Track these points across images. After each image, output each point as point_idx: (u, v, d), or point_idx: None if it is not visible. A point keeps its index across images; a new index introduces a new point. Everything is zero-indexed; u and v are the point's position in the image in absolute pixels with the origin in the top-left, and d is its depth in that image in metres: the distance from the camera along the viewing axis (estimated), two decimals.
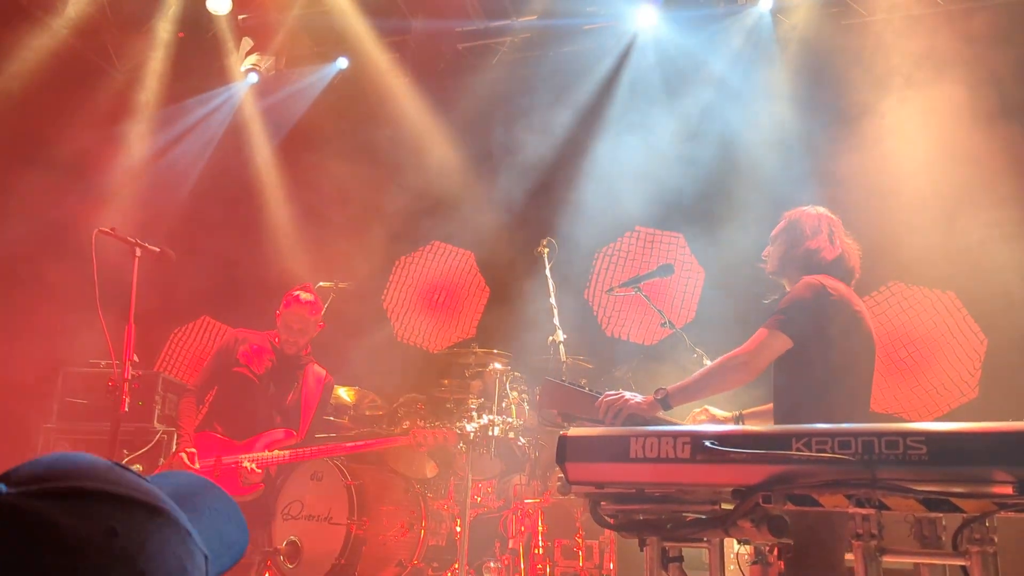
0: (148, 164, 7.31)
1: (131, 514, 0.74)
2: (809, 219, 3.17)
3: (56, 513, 0.70)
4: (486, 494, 5.12)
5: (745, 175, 6.08)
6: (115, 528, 0.72)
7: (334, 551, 4.52)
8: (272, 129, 7.49)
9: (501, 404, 4.86)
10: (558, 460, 2.32)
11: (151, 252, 3.70)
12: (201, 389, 4.62)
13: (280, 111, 7.43)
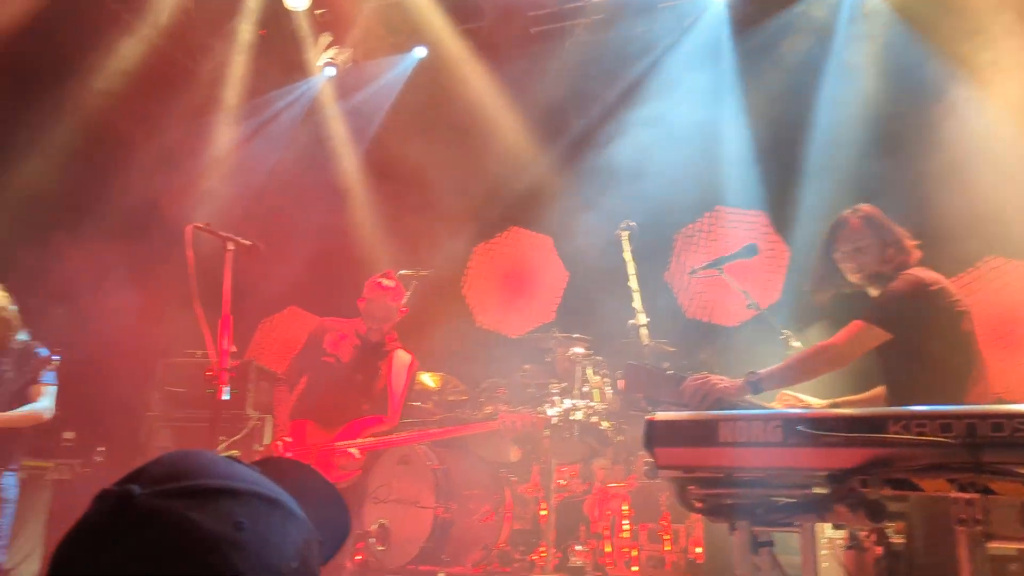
0: (234, 158, 7.54)
1: (254, 508, 0.79)
2: (882, 216, 3.19)
3: (187, 511, 0.75)
4: (570, 478, 5.13)
5: (829, 151, 5.89)
6: (241, 522, 0.76)
7: (422, 534, 4.62)
8: (351, 121, 7.62)
9: (583, 388, 4.85)
10: (645, 445, 2.31)
11: (242, 245, 3.81)
12: (292, 378, 4.72)
13: (358, 103, 7.56)
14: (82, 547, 0.74)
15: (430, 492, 4.73)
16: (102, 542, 0.73)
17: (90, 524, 0.75)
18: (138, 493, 0.75)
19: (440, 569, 4.56)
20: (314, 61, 7.47)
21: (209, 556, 0.74)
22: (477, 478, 5.08)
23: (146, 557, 0.72)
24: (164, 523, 0.74)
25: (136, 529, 0.73)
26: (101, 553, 0.73)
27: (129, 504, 0.74)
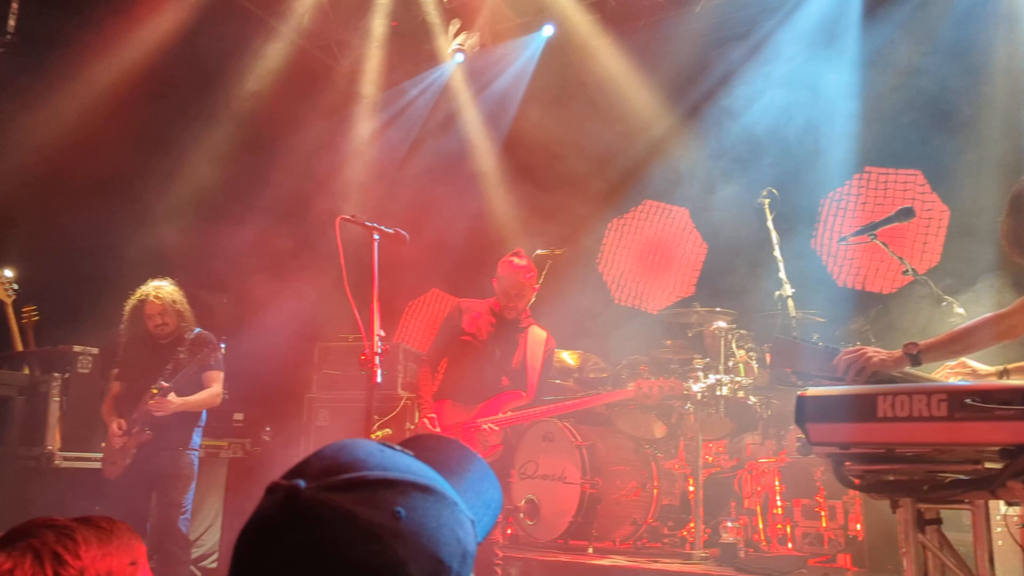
0: (373, 148, 7.82)
1: (410, 496, 0.83)
2: None
3: (349, 503, 0.80)
4: (718, 454, 5.06)
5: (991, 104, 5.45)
6: (399, 511, 0.81)
7: (570, 509, 4.68)
8: (483, 104, 7.73)
9: (728, 363, 4.75)
10: (797, 421, 2.25)
11: (387, 234, 3.96)
12: (433, 359, 4.85)
13: (489, 85, 7.65)
14: (258, 538, 0.81)
15: (576, 468, 4.79)
16: (275, 534, 0.80)
17: (263, 516, 0.82)
18: (303, 487, 0.81)
19: (589, 543, 4.61)
20: (445, 48, 7.62)
21: (371, 545, 0.78)
22: (623, 454, 5.10)
23: (314, 548, 0.78)
24: (328, 516, 0.79)
25: (303, 522, 0.79)
26: (274, 544, 0.79)
27: (296, 498, 0.80)
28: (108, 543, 1.14)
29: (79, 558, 1.09)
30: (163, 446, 4.77)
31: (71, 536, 1.11)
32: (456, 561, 0.84)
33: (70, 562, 1.08)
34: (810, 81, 6.19)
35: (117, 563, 1.13)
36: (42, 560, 1.07)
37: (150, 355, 4.88)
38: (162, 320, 4.84)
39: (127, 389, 4.92)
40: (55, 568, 1.07)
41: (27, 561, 1.06)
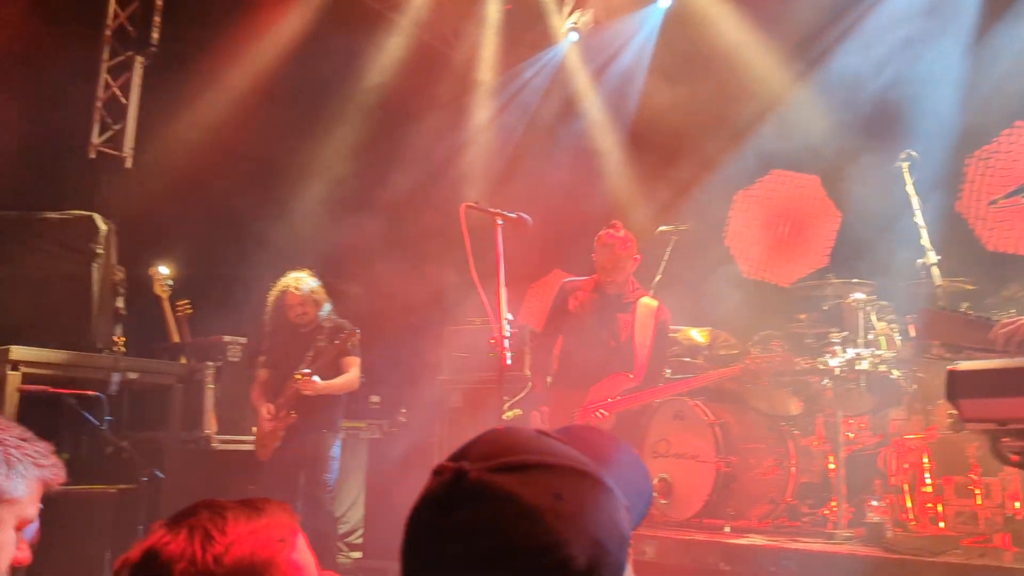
0: (493, 133, 7.90)
1: (569, 480, 0.86)
2: None
3: (511, 484, 0.83)
4: (859, 430, 4.86)
5: None
6: (560, 494, 0.84)
7: (705, 488, 4.62)
8: (600, 81, 7.66)
9: (867, 336, 4.55)
10: (949, 397, 2.15)
11: (509, 219, 4.02)
12: (547, 341, 4.79)
13: (607, 62, 7.58)
14: (428, 515, 0.86)
15: (710, 446, 4.72)
16: (443, 511, 0.84)
17: (432, 496, 0.86)
18: (468, 469, 0.85)
19: (726, 522, 4.54)
20: (559, 28, 7.59)
21: (533, 524, 0.81)
22: (757, 432, 4.98)
23: (479, 525, 0.82)
24: (492, 495, 0.83)
25: (469, 501, 0.83)
26: (443, 521, 0.84)
27: (462, 478, 0.84)
28: (257, 520, 1.22)
29: (226, 535, 1.18)
30: (309, 428, 5.04)
31: (222, 515, 1.21)
32: (614, 545, 0.85)
33: (217, 538, 1.18)
34: (948, 31, 5.80)
35: (265, 539, 1.21)
36: (194, 536, 1.17)
37: (292, 343, 5.17)
38: (302, 310, 5.12)
39: (272, 376, 5.22)
40: (203, 543, 1.17)
41: (181, 536, 1.17)
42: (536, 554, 0.80)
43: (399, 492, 5.82)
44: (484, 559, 0.80)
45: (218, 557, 1.16)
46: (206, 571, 1.16)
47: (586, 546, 0.82)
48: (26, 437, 1.54)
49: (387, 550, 5.81)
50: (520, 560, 0.80)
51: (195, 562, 1.16)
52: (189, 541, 1.17)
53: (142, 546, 1.17)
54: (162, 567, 1.15)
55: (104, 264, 5.31)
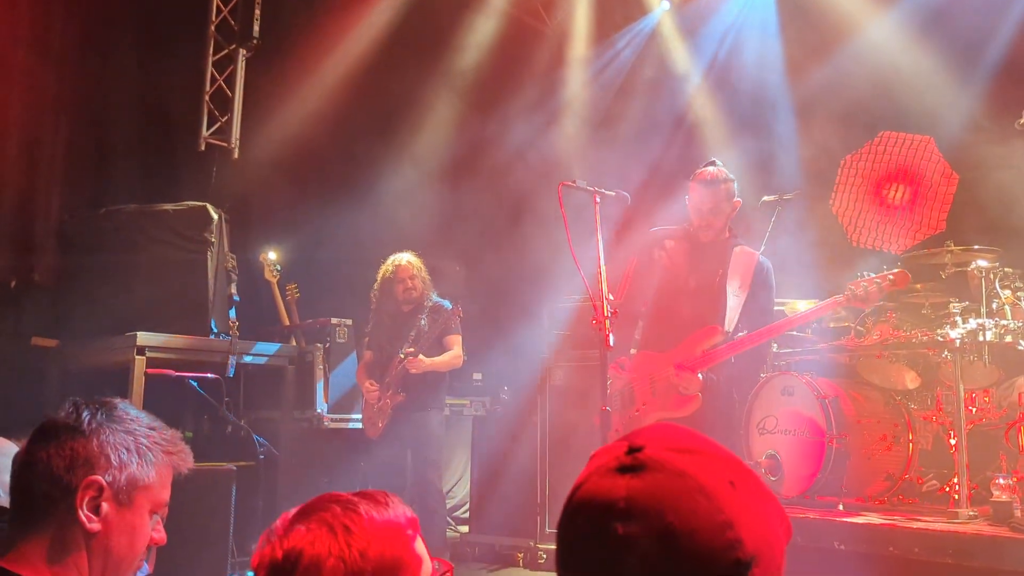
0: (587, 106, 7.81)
1: (740, 473, 0.88)
2: None
3: (688, 463, 0.85)
4: (983, 404, 4.61)
5: None
6: (734, 482, 0.86)
7: (816, 465, 4.49)
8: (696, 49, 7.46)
9: (991, 306, 4.30)
10: None
11: (608, 196, 3.98)
12: (627, 306, 4.26)
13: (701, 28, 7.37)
14: (599, 486, 0.87)
15: (820, 422, 4.57)
16: (617, 484, 0.85)
17: (605, 468, 0.88)
18: (643, 445, 0.87)
19: (839, 500, 4.41)
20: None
21: (709, 502, 0.82)
22: (871, 407, 4.80)
23: (657, 496, 0.83)
24: (669, 469, 0.84)
25: (646, 471, 0.84)
26: (617, 492, 0.84)
27: (640, 451, 0.86)
28: (386, 513, 1.24)
29: (365, 530, 1.20)
30: (415, 407, 5.17)
31: (356, 509, 1.22)
32: (776, 544, 0.86)
33: (357, 533, 1.19)
34: None
35: (397, 532, 1.24)
36: (335, 532, 1.19)
37: (395, 323, 5.30)
38: (411, 284, 5.27)
39: (377, 356, 5.37)
40: (347, 539, 1.18)
41: (323, 533, 1.18)
42: (710, 530, 0.80)
43: (504, 468, 5.91)
44: (659, 530, 0.80)
45: (364, 552, 1.18)
46: (355, 567, 1.17)
47: (755, 536, 0.82)
48: (155, 426, 1.63)
49: (493, 525, 5.92)
50: (694, 535, 0.80)
51: (344, 559, 1.17)
52: (333, 537, 1.18)
53: (283, 545, 1.18)
54: (310, 565, 1.16)
55: (218, 252, 5.56)
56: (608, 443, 0.92)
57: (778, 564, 0.85)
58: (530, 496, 5.71)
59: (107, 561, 1.52)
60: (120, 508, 1.53)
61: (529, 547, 5.66)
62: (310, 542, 1.17)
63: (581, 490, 0.87)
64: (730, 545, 0.80)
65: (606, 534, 0.81)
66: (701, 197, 4.09)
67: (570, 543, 0.87)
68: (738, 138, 7.04)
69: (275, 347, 5.79)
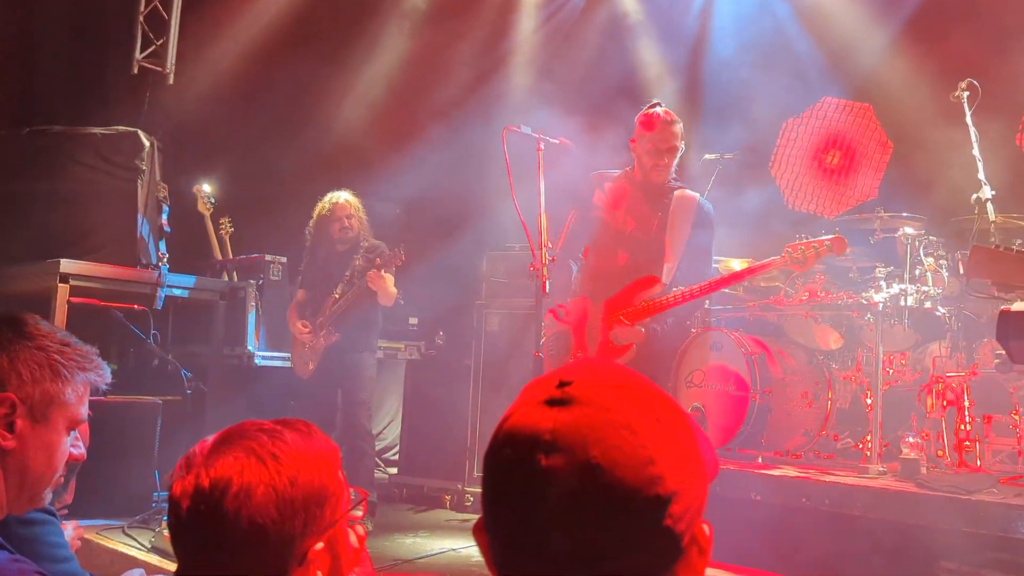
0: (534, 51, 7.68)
1: (667, 410, 0.89)
2: None
3: (615, 398, 0.86)
4: (899, 366, 4.81)
5: None
6: (659, 418, 0.87)
7: (739, 419, 4.63)
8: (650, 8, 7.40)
9: (915, 272, 4.45)
10: (999, 338, 2.10)
11: (551, 143, 3.95)
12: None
13: None
14: (527, 418, 0.87)
15: (745, 377, 4.71)
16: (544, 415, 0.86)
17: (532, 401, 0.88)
18: (572, 380, 0.87)
19: (759, 453, 4.57)
20: None
21: (633, 436, 0.83)
22: (795, 364, 4.96)
23: (582, 429, 0.83)
24: (595, 404, 0.85)
25: (573, 404, 0.85)
26: (543, 423, 0.85)
27: (568, 385, 0.87)
28: (311, 443, 1.23)
29: (293, 458, 1.19)
30: (347, 348, 5.14)
31: (282, 438, 1.21)
32: (699, 483, 0.87)
33: (286, 461, 1.18)
34: None
35: (323, 462, 1.23)
36: (264, 460, 1.17)
37: (329, 263, 5.23)
38: (348, 223, 5.18)
39: (309, 296, 5.31)
40: (276, 467, 1.17)
41: (251, 461, 1.17)
42: (632, 465, 0.81)
43: (435, 412, 5.94)
44: (582, 463, 0.81)
45: (293, 480, 1.17)
46: (286, 495, 1.16)
47: (677, 473, 0.83)
48: (68, 342, 1.59)
49: (422, 467, 5.97)
50: (616, 468, 0.81)
51: (275, 487, 1.16)
52: (262, 466, 1.17)
53: (209, 473, 1.16)
54: (239, 493, 1.14)
55: (148, 180, 5.37)
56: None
57: (699, 501, 0.86)
58: (460, 440, 5.77)
59: (24, 478, 1.49)
60: (35, 425, 1.49)
61: (457, 490, 5.74)
62: (238, 471, 1.15)
63: (509, 422, 0.88)
64: (651, 480, 0.81)
65: (530, 466, 0.82)
66: (661, 136, 3.96)
67: (495, 474, 0.87)
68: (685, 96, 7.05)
69: (206, 281, 5.66)
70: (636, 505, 0.80)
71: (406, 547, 4.65)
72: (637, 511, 0.80)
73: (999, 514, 3.51)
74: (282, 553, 1.16)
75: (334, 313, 5.10)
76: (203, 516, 1.14)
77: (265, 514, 1.14)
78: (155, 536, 3.89)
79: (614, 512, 0.80)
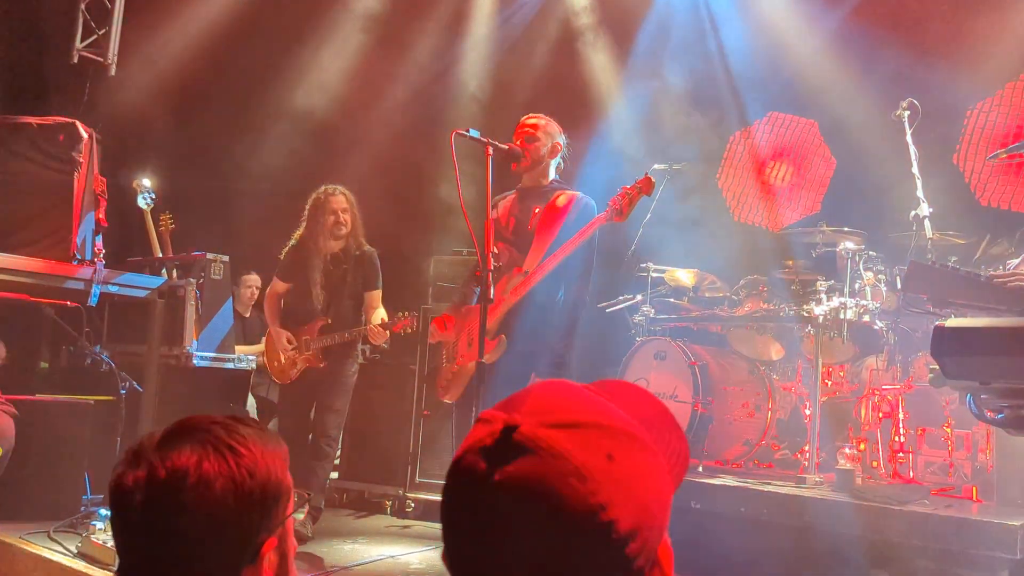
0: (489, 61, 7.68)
1: (621, 442, 0.85)
2: None
3: (565, 441, 0.82)
4: (838, 378, 4.91)
5: None
6: (612, 455, 0.83)
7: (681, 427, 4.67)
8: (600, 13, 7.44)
9: (854, 286, 4.54)
10: (934, 353, 2.13)
11: (501, 149, 3.92)
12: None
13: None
14: (475, 465, 0.84)
15: (688, 387, 4.75)
16: (492, 462, 0.82)
17: (481, 445, 0.84)
18: (521, 421, 0.83)
19: (699, 462, 4.61)
20: None
21: (583, 484, 0.80)
22: (737, 375, 5.02)
23: (528, 478, 0.80)
24: (545, 450, 0.81)
25: (520, 453, 0.81)
26: (491, 471, 0.82)
27: (514, 430, 0.83)
28: (266, 437, 1.22)
29: (250, 450, 1.17)
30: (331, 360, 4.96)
31: (238, 430, 1.19)
32: (659, 510, 0.85)
33: (244, 453, 1.16)
34: None
35: (277, 456, 1.21)
36: (222, 452, 1.15)
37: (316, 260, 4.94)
38: (343, 217, 4.92)
39: (293, 296, 5.05)
40: (235, 459, 1.15)
41: (207, 453, 1.15)
42: (583, 515, 0.79)
43: (378, 417, 5.86)
44: (530, 514, 0.80)
45: (252, 473, 1.16)
46: (245, 487, 1.14)
47: (632, 510, 0.81)
48: None
49: (364, 472, 5.88)
50: (566, 519, 0.79)
51: (234, 479, 1.14)
52: (220, 458, 1.15)
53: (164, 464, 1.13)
54: (198, 484, 1.12)
55: (85, 173, 5.19)
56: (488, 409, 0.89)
57: (660, 527, 0.85)
58: (403, 445, 5.70)
59: None
60: None
61: (398, 495, 5.67)
62: (196, 462, 1.13)
63: (460, 462, 0.86)
64: (605, 527, 0.80)
65: (479, 511, 0.82)
66: (519, 129, 4.05)
67: (449, 508, 0.87)
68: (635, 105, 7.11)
69: (144, 279, 5.49)
70: (591, 550, 0.79)
71: (344, 553, 4.57)
72: (593, 555, 0.79)
73: (931, 525, 3.59)
74: (237, 548, 1.14)
75: (324, 343, 4.92)
76: (160, 508, 1.12)
77: (224, 506, 1.12)
78: (82, 541, 3.74)
79: (568, 557, 0.79)
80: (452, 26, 7.62)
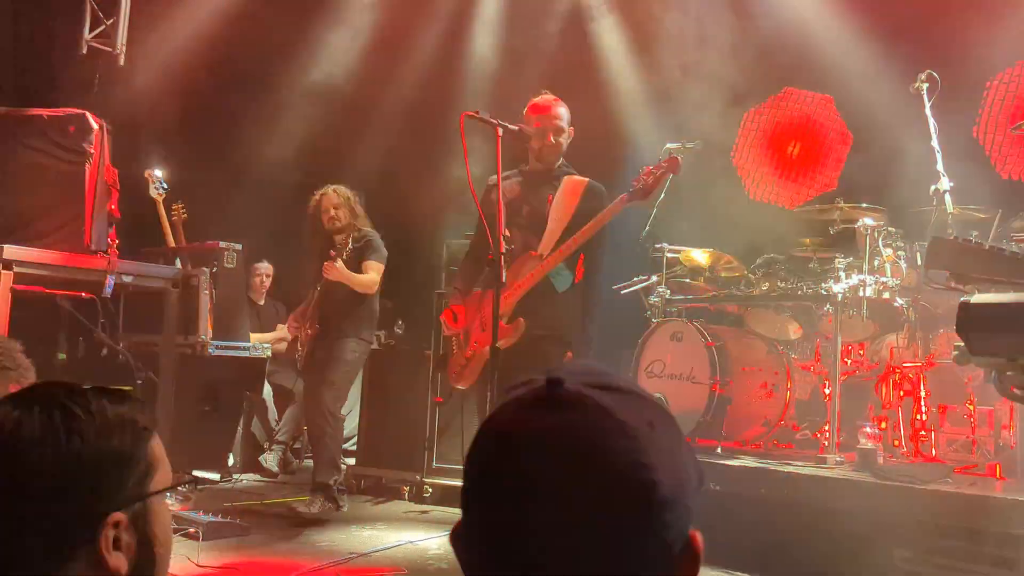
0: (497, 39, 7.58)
1: (657, 414, 0.84)
2: None
3: (610, 401, 0.81)
4: (857, 357, 4.84)
5: None
6: (653, 423, 0.82)
7: (698, 409, 4.63)
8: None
9: (873, 263, 4.47)
10: (959, 329, 2.08)
11: (510, 131, 3.87)
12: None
13: None
14: (516, 417, 0.83)
15: (705, 368, 4.70)
16: (537, 414, 0.81)
17: (524, 399, 0.83)
18: (564, 378, 0.82)
19: (718, 443, 4.57)
20: None
21: (628, 441, 0.79)
22: (754, 355, 4.96)
23: (575, 430, 0.79)
24: (591, 405, 0.80)
25: (567, 407, 0.80)
26: (537, 422, 0.80)
27: (560, 385, 0.81)
28: (118, 409, 1.12)
29: (91, 415, 1.08)
30: (332, 336, 5.24)
31: (82, 393, 1.10)
32: (692, 486, 0.84)
33: (79, 416, 1.07)
34: None
35: (131, 425, 1.12)
36: (50, 414, 1.06)
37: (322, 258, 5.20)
38: (336, 213, 5.24)
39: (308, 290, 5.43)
40: (66, 423, 1.05)
41: (33, 414, 1.06)
42: (630, 470, 0.78)
43: (394, 403, 5.86)
44: (576, 468, 0.78)
45: (82, 434, 1.05)
46: (70, 457, 1.04)
47: (672, 479, 0.80)
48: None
49: (381, 458, 5.89)
50: (612, 473, 0.78)
51: (58, 447, 1.03)
52: (47, 420, 1.04)
53: None
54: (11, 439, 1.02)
55: (97, 164, 5.19)
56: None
57: (689, 509, 0.83)
58: (419, 431, 5.69)
59: None
60: None
61: (415, 481, 5.67)
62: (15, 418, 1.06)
63: (495, 422, 0.84)
64: (648, 487, 0.78)
65: (521, 469, 0.79)
66: (543, 123, 3.98)
67: (480, 477, 0.84)
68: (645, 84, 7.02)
69: (157, 268, 5.49)
70: (629, 511, 0.78)
71: (363, 539, 4.58)
72: (629, 517, 0.78)
73: (953, 503, 3.54)
74: (59, 513, 1.04)
75: (316, 304, 5.16)
76: None
77: (41, 460, 1.03)
78: None
79: (605, 518, 0.77)
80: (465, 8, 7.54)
